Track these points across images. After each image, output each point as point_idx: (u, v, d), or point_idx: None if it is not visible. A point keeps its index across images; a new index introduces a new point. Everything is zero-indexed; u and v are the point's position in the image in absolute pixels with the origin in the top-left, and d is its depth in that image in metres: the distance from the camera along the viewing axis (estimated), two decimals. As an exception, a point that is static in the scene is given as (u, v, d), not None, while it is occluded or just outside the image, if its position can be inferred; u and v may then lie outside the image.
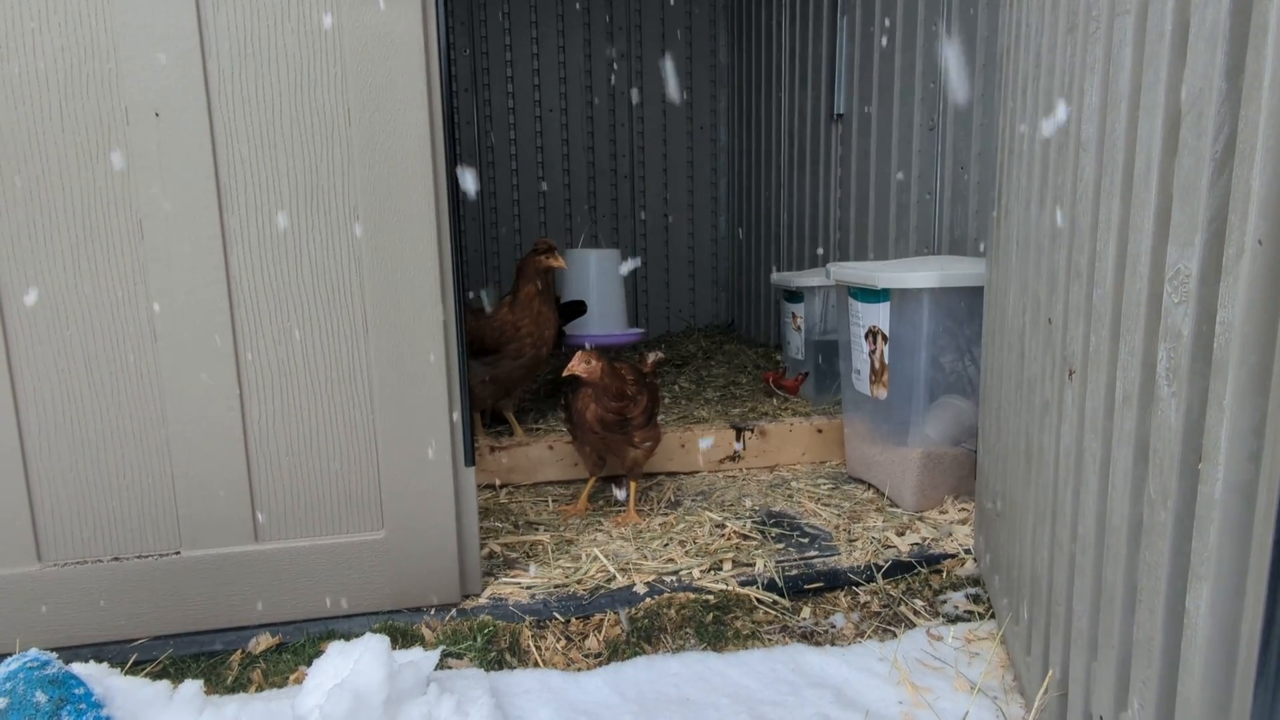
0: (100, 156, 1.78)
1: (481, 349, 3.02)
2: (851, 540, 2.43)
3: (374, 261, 1.91)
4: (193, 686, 1.69)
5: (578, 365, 2.42)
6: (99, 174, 1.79)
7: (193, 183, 1.81)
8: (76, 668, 1.58)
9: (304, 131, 1.85)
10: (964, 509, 2.60)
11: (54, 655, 1.55)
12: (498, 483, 2.98)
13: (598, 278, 4.13)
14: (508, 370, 3.07)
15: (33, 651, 1.53)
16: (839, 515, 2.64)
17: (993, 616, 2.07)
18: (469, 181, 2.93)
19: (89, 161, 1.78)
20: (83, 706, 1.48)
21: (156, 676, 1.82)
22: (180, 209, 1.82)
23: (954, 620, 2.08)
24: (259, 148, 1.84)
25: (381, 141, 1.87)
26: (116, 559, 1.92)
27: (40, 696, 1.44)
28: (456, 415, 2.03)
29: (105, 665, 1.70)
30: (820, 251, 4.45)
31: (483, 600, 2.12)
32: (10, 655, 1.53)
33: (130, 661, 1.88)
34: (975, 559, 2.28)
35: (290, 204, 1.87)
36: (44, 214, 1.78)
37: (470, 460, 2.08)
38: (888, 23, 3.58)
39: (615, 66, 5.89)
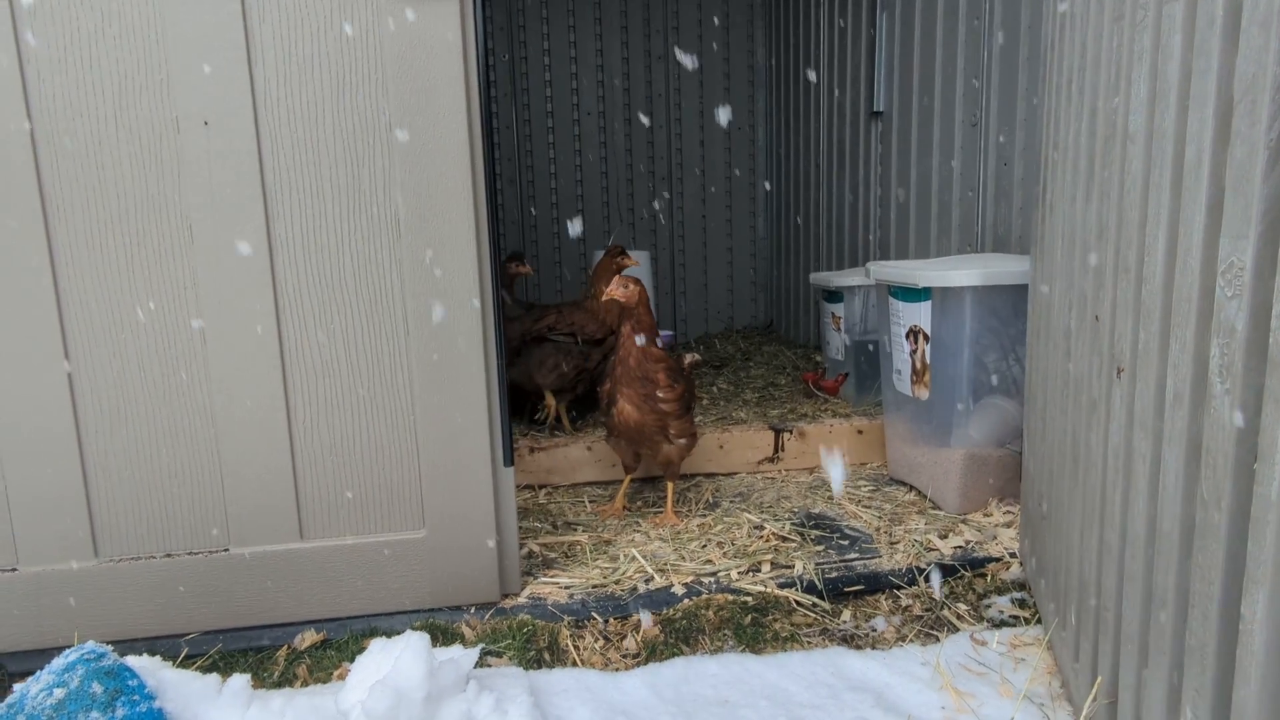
0: (152, 164, 1.84)
1: (584, 336, 3.22)
2: (893, 543, 2.40)
3: (414, 263, 1.95)
4: (241, 680, 1.73)
5: (616, 289, 2.40)
6: (151, 181, 1.85)
7: (240, 188, 1.87)
8: (131, 660, 1.64)
9: (346, 138, 1.89)
10: (1009, 512, 2.54)
11: (109, 648, 1.60)
12: (536, 484, 3.00)
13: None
14: (595, 361, 3.20)
15: (90, 644, 1.58)
16: (880, 517, 2.60)
17: (1039, 621, 2.02)
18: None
19: (142, 169, 1.84)
20: (136, 698, 1.52)
21: (206, 670, 1.87)
22: (228, 214, 1.87)
23: (999, 625, 2.03)
24: (303, 154, 1.88)
25: (421, 147, 1.90)
26: (169, 555, 1.98)
27: (96, 687, 1.49)
28: (496, 416, 2.05)
29: (158, 658, 1.75)
30: (861, 250, 4.40)
31: (522, 600, 2.14)
32: (69, 648, 1.58)
33: (181, 655, 1.93)
34: (1021, 562, 2.23)
35: (333, 209, 1.91)
36: (100, 220, 1.84)
37: (509, 460, 2.10)
38: (928, 17, 3.53)
39: (652, 69, 5.90)
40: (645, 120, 5.93)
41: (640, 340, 2.46)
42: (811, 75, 4.97)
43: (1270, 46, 0.93)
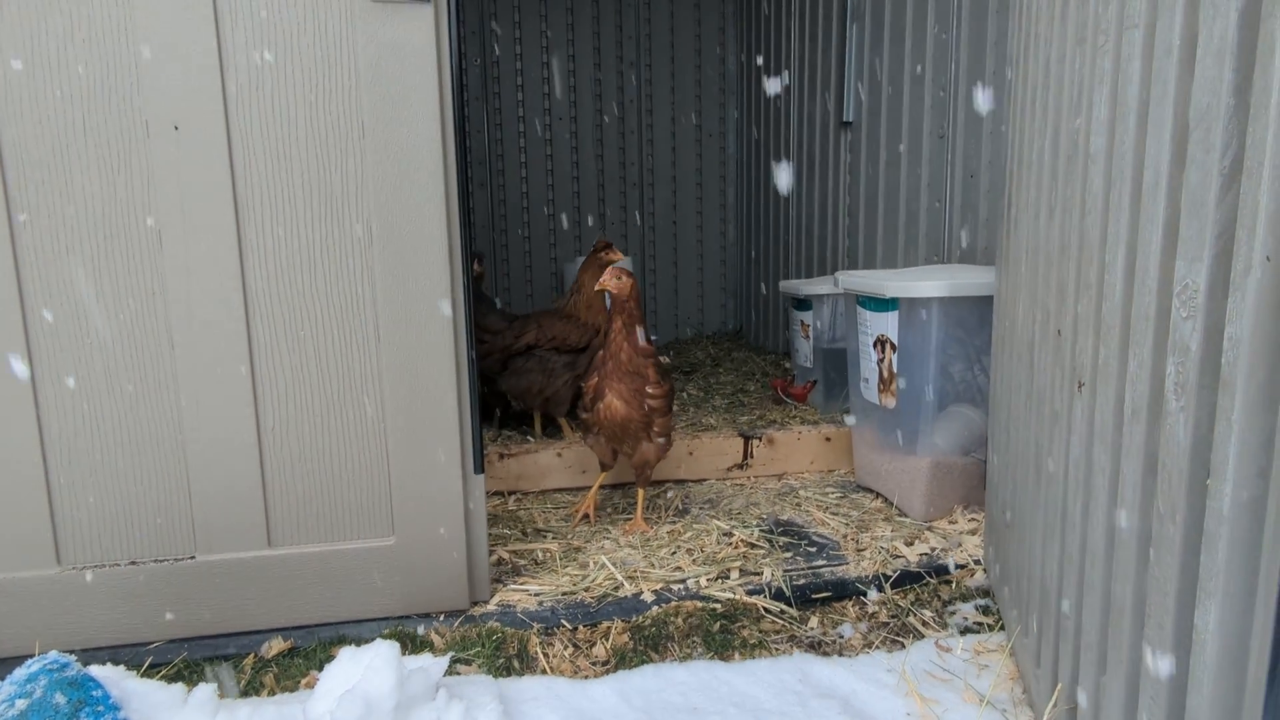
0: (121, 169, 1.81)
1: (566, 348, 3.17)
2: (860, 550, 2.43)
3: (385, 272, 1.94)
4: (207, 690, 1.71)
5: (609, 280, 2.38)
6: (120, 186, 1.81)
7: (211, 195, 1.84)
8: (94, 670, 1.61)
9: (318, 144, 1.88)
10: (974, 519, 2.59)
11: (72, 658, 1.57)
12: (506, 490, 2.99)
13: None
14: (584, 366, 3.15)
15: (52, 654, 1.55)
16: (847, 524, 2.64)
17: (1002, 628, 2.07)
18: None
19: (110, 174, 1.80)
20: (100, 708, 1.50)
21: (171, 679, 1.84)
22: (198, 220, 1.85)
23: (963, 631, 2.08)
24: (275, 160, 1.86)
25: (394, 153, 1.90)
26: (134, 563, 1.95)
27: (59, 698, 1.46)
28: (466, 423, 2.05)
29: (122, 668, 1.72)
30: (830, 259, 4.45)
31: (491, 607, 2.13)
32: (31, 658, 1.55)
33: (146, 664, 1.90)
34: (985, 570, 2.28)
35: (305, 215, 1.90)
36: (66, 226, 1.80)
37: (479, 468, 2.09)
38: (897, 28, 3.59)
39: (624, 75, 5.92)
40: (617, 125, 5.95)
41: (634, 335, 2.44)
42: (782, 84, 5.03)
43: (1224, 77, 0.97)
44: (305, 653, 1.96)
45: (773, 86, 5.22)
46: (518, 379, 3.19)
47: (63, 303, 1.83)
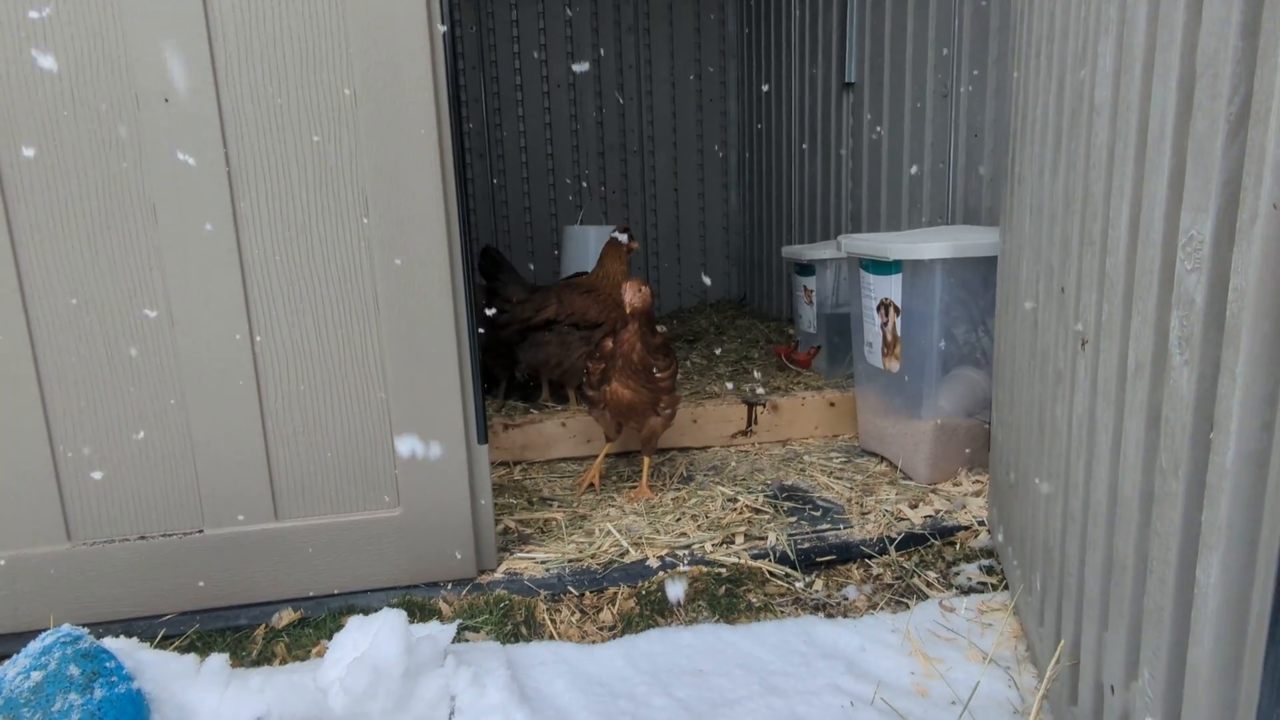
0: (113, 143, 1.79)
1: (586, 324, 3.19)
2: (864, 513, 2.44)
3: (383, 242, 1.92)
4: (219, 660, 1.73)
5: (633, 296, 2.39)
6: (112, 160, 1.80)
7: (204, 167, 1.82)
8: (108, 642, 1.63)
9: (311, 114, 1.85)
10: (978, 481, 2.59)
11: (85, 630, 1.59)
12: (512, 460, 3.01)
13: (598, 254, 4.14)
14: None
15: (65, 627, 1.57)
16: (851, 488, 2.64)
17: (1006, 588, 2.07)
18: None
19: (102, 148, 1.79)
20: (114, 679, 1.52)
21: (184, 650, 1.86)
22: (192, 193, 1.83)
23: (967, 592, 2.09)
24: (267, 131, 1.84)
25: (388, 122, 1.87)
26: (143, 538, 1.97)
27: (74, 670, 1.48)
28: (469, 393, 2.05)
29: (135, 640, 1.74)
30: (834, 223, 4.41)
31: (498, 575, 2.15)
32: (45, 631, 1.57)
33: (159, 636, 1.92)
34: (989, 530, 2.28)
35: (300, 187, 1.88)
36: (60, 201, 1.79)
37: (483, 438, 2.10)
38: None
39: (622, 39, 5.83)
40: (616, 91, 5.87)
41: (648, 339, 2.46)
42: (784, 45, 4.94)
43: (1231, 19, 0.94)
44: (315, 623, 1.98)
45: (773, 48, 5.13)
46: (535, 351, 3.20)
47: (59, 278, 1.82)
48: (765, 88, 5.30)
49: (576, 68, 5.72)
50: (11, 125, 1.75)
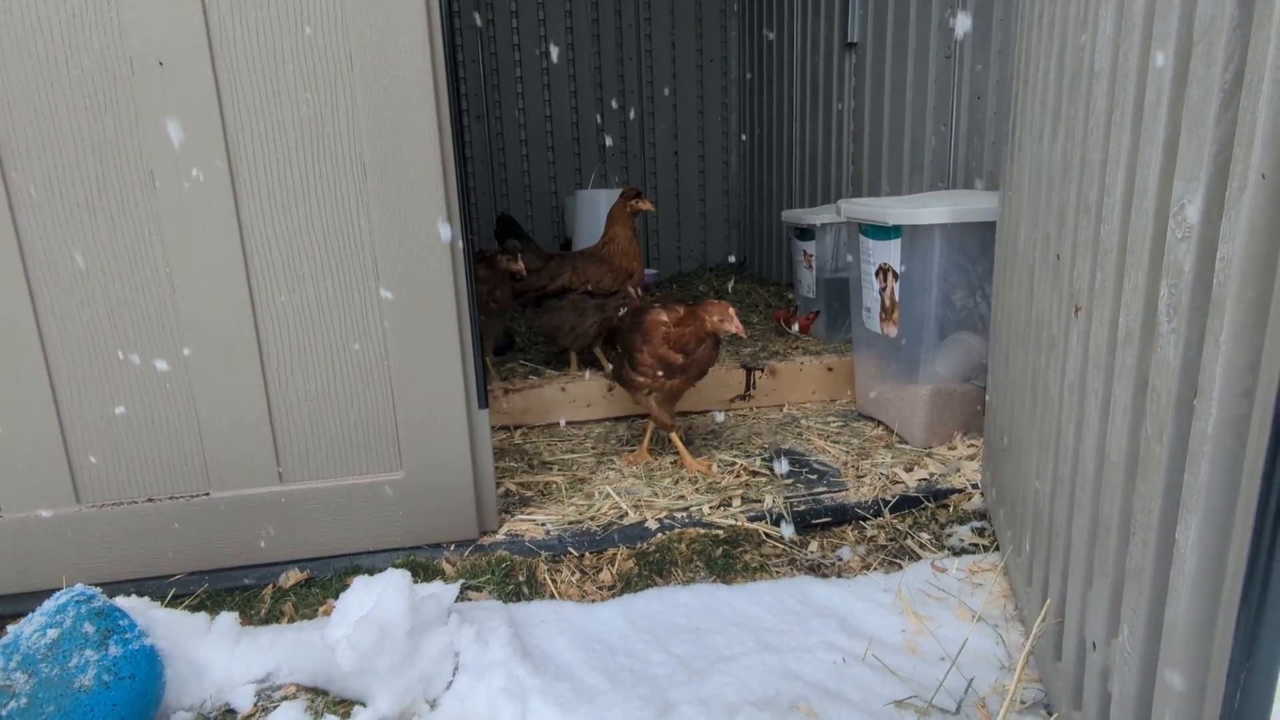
0: (109, 107, 1.79)
1: (599, 292, 3.20)
2: (860, 476, 2.48)
3: (381, 207, 1.93)
4: (229, 618, 1.78)
5: (727, 323, 2.39)
6: (108, 125, 1.80)
7: (200, 131, 1.82)
8: (120, 601, 1.67)
9: (307, 77, 1.84)
10: (973, 445, 2.63)
11: (98, 590, 1.63)
12: (512, 424, 3.04)
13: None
14: (613, 309, 3.18)
15: (78, 587, 1.61)
16: (848, 452, 2.68)
17: (997, 549, 2.12)
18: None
19: (97, 113, 1.78)
20: (128, 636, 1.56)
21: (194, 609, 1.91)
22: (189, 159, 1.83)
23: (959, 553, 2.13)
24: (263, 95, 1.84)
25: (384, 85, 1.86)
26: (150, 500, 2.00)
27: (89, 627, 1.52)
28: (469, 358, 2.07)
29: (146, 599, 1.79)
30: (834, 187, 4.39)
31: (500, 536, 2.19)
32: (58, 590, 1.61)
33: (169, 595, 1.97)
34: (982, 493, 2.32)
35: (296, 151, 1.88)
36: (57, 167, 1.79)
37: (484, 402, 2.12)
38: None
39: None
40: (615, 52, 5.79)
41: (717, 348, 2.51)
42: (785, 3, 4.86)
43: (1229, -12, 0.93)
44: (321, 583, 2.03)
45: (776, 7, 5.05)
46: (550, 317, 3.22)
47: (59, 245, 1.83)
48: (770, 35, 5.21)
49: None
50: (6, 91, 1.74)
